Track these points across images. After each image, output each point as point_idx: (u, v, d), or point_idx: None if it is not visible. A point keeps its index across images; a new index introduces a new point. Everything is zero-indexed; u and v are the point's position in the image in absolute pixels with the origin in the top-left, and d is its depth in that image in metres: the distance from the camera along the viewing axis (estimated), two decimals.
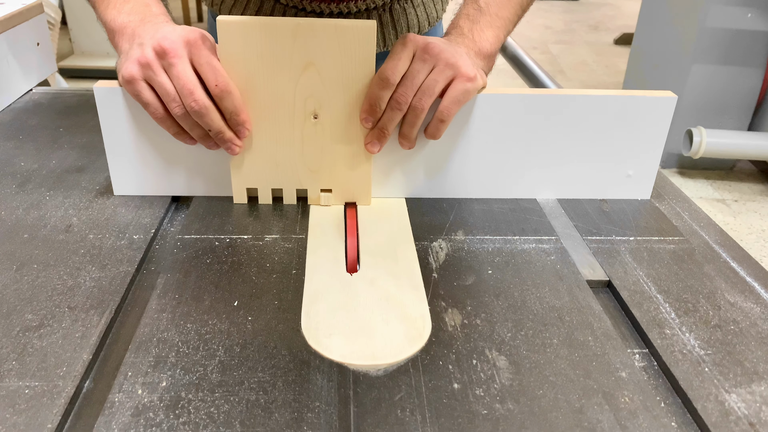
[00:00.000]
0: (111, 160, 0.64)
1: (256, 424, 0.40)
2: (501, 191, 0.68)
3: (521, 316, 0.51)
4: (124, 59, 0.58)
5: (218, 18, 0.56)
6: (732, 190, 2.38)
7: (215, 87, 0.56)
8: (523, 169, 0.67)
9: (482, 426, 0.41)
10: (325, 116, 0.61)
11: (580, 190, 0.69)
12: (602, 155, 0.67)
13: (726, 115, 2.36)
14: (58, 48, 2.65)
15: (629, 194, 0.70)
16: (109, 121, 0.62)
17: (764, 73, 2.27)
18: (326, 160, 0.63)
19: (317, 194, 0.65)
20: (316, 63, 0.58)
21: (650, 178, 0.69)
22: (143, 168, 0.65)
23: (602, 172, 0.68)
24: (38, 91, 0.94)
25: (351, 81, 0.59)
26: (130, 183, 0.66)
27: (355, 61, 0.58)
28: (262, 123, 0.61)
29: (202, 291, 0.52)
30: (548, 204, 0.68)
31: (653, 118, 0.65)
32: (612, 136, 0.66)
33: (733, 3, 2.17)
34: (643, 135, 0.66)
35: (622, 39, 4.15)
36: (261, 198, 0.66)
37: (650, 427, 0.41)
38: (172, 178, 0.66)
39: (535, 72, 1.83)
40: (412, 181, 0.67)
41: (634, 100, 0.64)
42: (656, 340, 0.49)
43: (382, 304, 0.51)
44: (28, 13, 0.94)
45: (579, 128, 0.65)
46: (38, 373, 0.43)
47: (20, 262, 0.54)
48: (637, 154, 0.67)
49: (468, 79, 0.58)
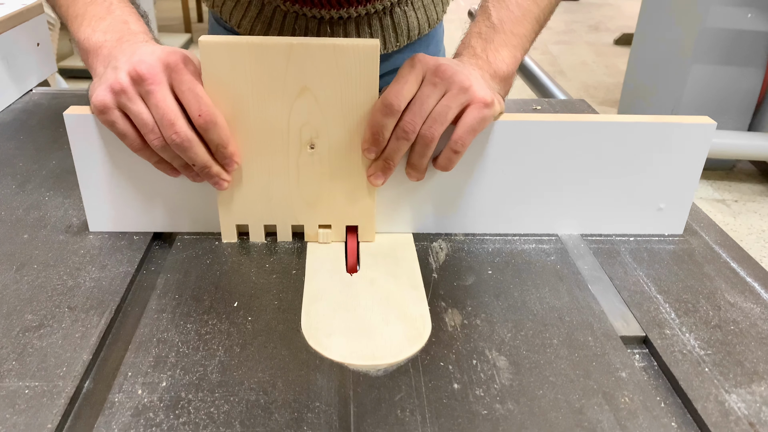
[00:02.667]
0: (85, 194, 0.58)
1: (256, 424, 0.40)
2: (519, 226, 0.62)
3: (521, 316, 0.51)
4: (96, 84, 0.52)
5: (201, 39, 0.51)
6: (732, 190, 2.38)
7: (199, 117, 0.50)
8: (543, 202, 0.61)
9: (482, 426, 0.41)
10: (322, 146, 0.55)
11: (606, 225, 0.62)
12: (631, 187, 0.61)
13: (726, 115, 2.36)
14: (58, 48, 2.65)
15: (660, 229, 0.63)
16: (82, 151, 0.56)
17: (764, 73, 2.27)
18: (324, 193, 0.58)
19: (315, 231, 0.59)
20: (312, 87, 0.52)
21: (684, 211, 0.62)
22: (121, 202, 0.58)
23: (631, 205, 0.62)
24: (38, 91, 0.94)
25: (351, 107, 0.53)
26: (106, 219, 0.59)
27: (356, 85, 0.52)
28: (252, 154, 0.55)
29: (202, 291, 0.52)
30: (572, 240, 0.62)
31: (690, 146, 0.59)
32: (643, 166, 0.59)
33: (733, 3, 2.17)
34: (677, 165, 0.59)
35: (622, 39, 4.15)
36: (252, 236, 0.60)
37: (650, 427, 0.41)
38: (153, 213, 0.59)
39: (535, 72, 1.83)
40: (420, 216, 0.61)
41: (668, 127, 0.58)
42: (656, 340, 0.49)
43: (382, 304, 0.51)
44: (28, 13, 0.94)
45: (606, 157, 0.59)
46: (38, 374, 0.43)
47: (20, 262, 0.54)
48: (670, 185, 0.61)
49: (485, 105, 0.52)
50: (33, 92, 0.94)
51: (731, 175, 2.49)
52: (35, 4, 0.96)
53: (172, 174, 0.55)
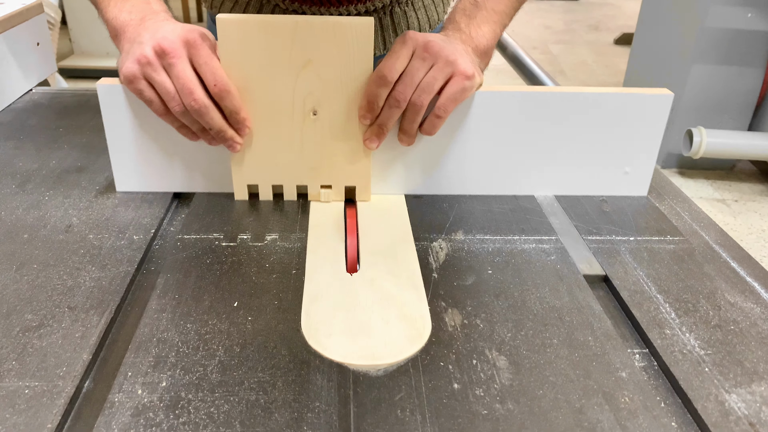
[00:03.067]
0: (113, 157, 0.65)
1: (256, 424, 0.40)
2: (499, 188, 0.69)
3: (521, 316, 0.51)
4: (124, 58, 0.59)
5: (218, 16, 0.57)
6: (732, 190, 2.38)
7: (214, 87, 0.57)
8: (520, 165, 0.68)
9: (482, 426, 0.41)
10: (324, 113, 0.62)
11: (578, 187, 0.70)
12: (599, 153, 0.68)
13: (726, 115, 2.36)
14: (58, 48, 2.65)
15: (626, 191, 0.70)
16: (112, 117, 0.63)
17: (764, 73, 2.27)
18: (326, 156, 0.64)
19: (317, 190, 0.66)
20: (314, 61, 0.59)
21: (647, 175, 0.70)
22: (145, 164, 0.66)
23: (599, 169, 0.69)
24: (38, 91, 0.94)
25: (349, 78, 0.60)
26: (132, 179, 0.66)
27: (354, 58, 0.59)
28: (261, 121, 0.62)
29: (202, 291, 0.52)
30: (547, 201, 0.69)
31: (650, 115, 0.66)
32: (609, 134, 0.67)
33: (733, 3, 2.17)
34: (639, 133, 0.67)
35: (622, 39, 4.15)
36: (262, 194, 0.66)
37: (650, 427, 0.41)
38: (174, 174, 0.66)
39: (535, 72, 1.83)
40: (411, 178, 0.68)
41: (630, 97, 0.65)
42: (656, 340, 0.49)
43: (382, 304, 0.51)
44: (28, 13, 0.94)
45: (576, 126, 0.66)
46: (38, 373, 0.43)
47: (20, 262, 0.54)
48: (634, 151, 0.68)
49: (466, 77, 0.58)
50: (33, 92, 0.94)
51: (731, 175, 2.49)
52: (35, 3, 0.96)
53: (191, 138, 0.62)
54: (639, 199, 0.70)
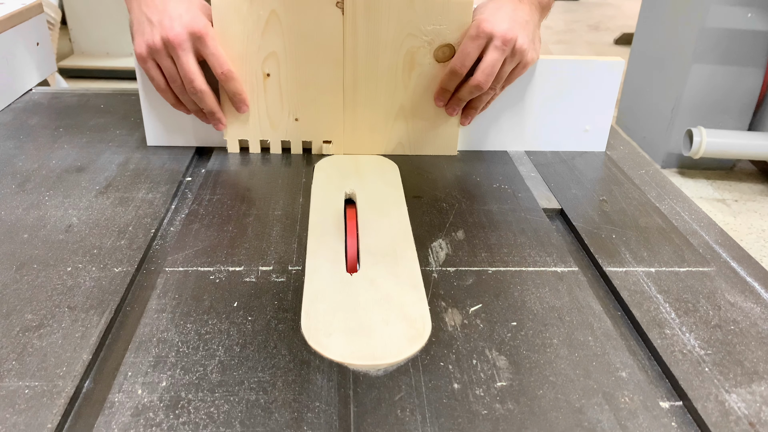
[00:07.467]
0: (146, 115, 0.76)
1: (256, 424, 0.40)
2: (473, 144, 0.80)
3: (521, 316, 0.51)
4: (135, 31, 0.67)
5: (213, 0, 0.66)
6: (732, 190, 2.38)
7: (221, 74, 0.68)
8: (493, 124, 0.79)
9: (482, 426, 0.41)
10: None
11: (545, 143, 0.81)
12: (563, 113, 0.79)
13: (726, 115, 2.36)
14: (58, 48, 2.65)
15: (587, 147, 0.82)
16: (146, 81, 0.73)
17: (764, 73, 2.27)
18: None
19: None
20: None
21: (604, 132, 0.81)
22: (172, 121, 0.77)
23: (563, 127, 0.80)
24: (38, 91, 0.94)
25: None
26: (159, 136, 0.78)
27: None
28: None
29: (202, 291, 0.52)
30: (517, 155, 0.80)
31: (605, 80, 0.77)
32: (570, 96, 0.78)
33: (733, 3, 2.17)
34: (596, 95, 0.78)
35: (622, 39, 4.15)
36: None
37: (650, 427, 0.41)
38: (197, 130, 0.78)
39: None
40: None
41: (585, 63, 0.76)
42: (656, 340, 0.49)
43: (382, 304, 0.51)
44: (28, 13, 0.94)
45: (542, 89, 0.77)
46: (38, 373, 0.43)
47: (20, 262, 0.54)
48: (592, 111, 0.79)
49: (525, 67, 0.70)
50: (33, 92, 0.94)
51: (731, 174, 2.49)
52: (35, 3, 0.96)
53: (185, 112, 0.72)
54: (598, 154, 0.81)
